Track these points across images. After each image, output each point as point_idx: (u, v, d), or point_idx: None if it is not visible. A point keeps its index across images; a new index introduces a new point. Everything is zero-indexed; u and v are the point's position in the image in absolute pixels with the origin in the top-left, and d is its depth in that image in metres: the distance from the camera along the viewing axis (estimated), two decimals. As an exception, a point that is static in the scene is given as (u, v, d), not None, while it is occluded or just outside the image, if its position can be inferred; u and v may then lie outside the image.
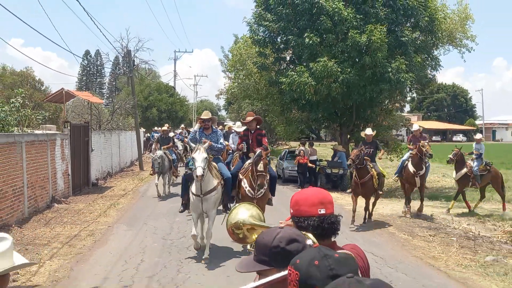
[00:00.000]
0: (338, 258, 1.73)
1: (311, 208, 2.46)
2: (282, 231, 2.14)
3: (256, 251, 2.18)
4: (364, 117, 22.07)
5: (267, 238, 2.14)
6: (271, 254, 2.08)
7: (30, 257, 9.81)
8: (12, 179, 13.13)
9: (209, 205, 9.58)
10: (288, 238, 2.09)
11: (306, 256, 1.75)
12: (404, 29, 20.53)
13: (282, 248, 2.07)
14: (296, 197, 2.56)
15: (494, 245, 11.21)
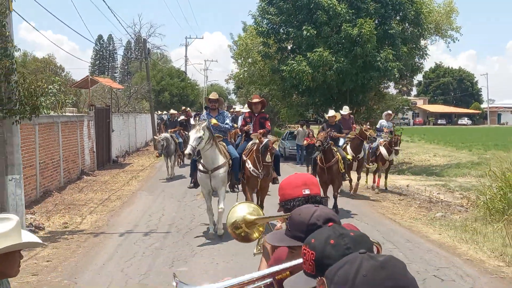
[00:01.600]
0: (354, 236, 1.72)
1: (295, 189, 2.54)
2: (319, 209, 2.14)
3: (291, 227, 2.16)
4: (357, 102, 24.41)
5: (304, 215, 2.13)
6: (308, 231, 2.04)
7: (73, 213, 12.40)
8: (52, 153, 15.71)
9: (217, 182, 9.75)
10: (325, 217, 2.09)
11: (321, 235, 1.75)
12: (392, 22, 22.79)
13: (319, 226, 2.05)
14: (281, 183, 2.67)
15: (449, 206, 13.66)
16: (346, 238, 1.71)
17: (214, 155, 9.63)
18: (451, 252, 8.85)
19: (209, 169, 9.64)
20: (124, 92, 33.96)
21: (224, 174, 9.87)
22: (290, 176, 2.69)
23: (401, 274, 1.40)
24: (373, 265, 1.39)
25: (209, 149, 9.47)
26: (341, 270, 1.43)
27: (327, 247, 1.69)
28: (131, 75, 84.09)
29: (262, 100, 11.24)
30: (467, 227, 10.67)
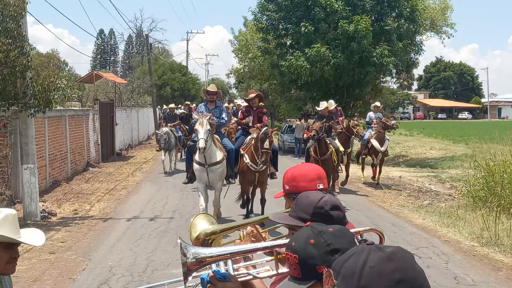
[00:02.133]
0: (333, 232, 1.74)
1: (310, 183, 2.48)
2: (327, 196, 2.16)
3: (296, 209, 2.17)
4: (354, 96, 25.15)
5: (312, 198, 2.14)
6: (314, 213, 2.08)
7: (82, 201, 13.19)
8: (60, 145, 16.48)
9: (215, 176, 9.77)
10: (332, 203, 2.11)
11: (301, 237, 1.76)
12: (388, 18, 23.50)
13: (326, 210, 2.08)
14: (293, 173, 2.57)
15: (438, 196, 14.43)
16: (325, 235, 1.73)
17: (212, 150, 9.57)
18: (432, 234, 9.63)
19: (207, 163, 9.59)
20: (127, 86, 34.70)
21: (221, 169, 9.84)
22: (301, 166, 2.69)
23: (409, 266, 1.38)
24: (380, 256, 1.38)
25: (209, 145, 9.43)
26: (348, 262, 1.41)
27: (308, 247, 1.71)
28: (133, 69, 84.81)
29: (258, 94, 11.41)
30: (451, 213, 11.44)
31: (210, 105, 10.58)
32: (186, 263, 2.01)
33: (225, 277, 2.02)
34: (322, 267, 1.66)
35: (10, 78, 10.05)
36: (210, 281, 2.02)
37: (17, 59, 9.73)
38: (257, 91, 12.18)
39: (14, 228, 2.69)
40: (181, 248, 2.02)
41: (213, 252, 2.08)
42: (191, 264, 2.02)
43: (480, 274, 7.29)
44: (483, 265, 7.74)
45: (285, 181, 2.56)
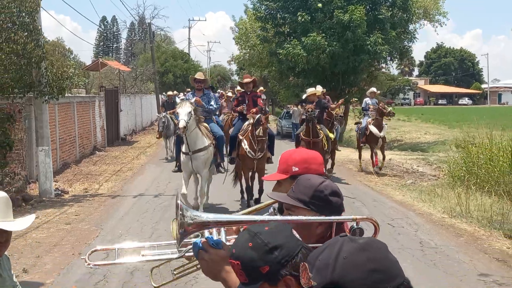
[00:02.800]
0: (269, 230, 1.78)
1: (320, 166, 2.53)
2: (328, 181, 2.20)
3: (295, 190, 2.19)
4: (349, 82, 26.10)
5: (313, 181, 2.17)
6: (313, 196, 2.12)
7: (91, 181, 14.25)
8: (69, 130, 17.52)
9: (198, 164, 9.58)
10: (332, 189, 2.16)
11: (239, 243, 1.80)
12: (382, 8, 24.36)
13: (325, 195, 2.12)
14: (303, 155, 2.57)
15: (423, 176, 15.45)
16: (262, 235, 1.75)
17: (196, 136, 9.45)
18: (408, 208, 10.68)
19: (190, 151, 9.47)
20: (130, 74, 35.67)
21: (205, 156, 9.66)
22: (303, 150, 2.79)
23: (382, 256, 1.41)
24: (353, 247, 1.41)
25: (193, 131, 9.32)
26: (322, 254, 1.44)
27: (247, 252, 1.73)
28: (136, 56, 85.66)
29: (253, 79, 11.52)
30: (430, 191, 12.47)
31: (198, 93, 10.51)
32: (184, 223, 2.06)
33: (218, 244, 2.08)
34: (265, 267, 1.72)
35: (26, 68, 11.06)
36: (203, 247, 2.08)
37: (33, 51, 10.75)
38: (253, 77, 12.19)
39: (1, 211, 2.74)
40: (181, 209, 2.07)
41: (211, 217, 2.13)
42: (188, 226, 2.07)
43: (443, 240, 8.35)
44: (448, 233, 8.80)
45: (293, 163, 2.50)
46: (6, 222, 2.72)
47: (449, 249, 7.86)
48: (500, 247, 7.96)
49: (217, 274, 2.07)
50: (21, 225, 2.85)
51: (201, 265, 2.12)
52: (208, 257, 2.07)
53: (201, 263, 2.12)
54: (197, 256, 2.11)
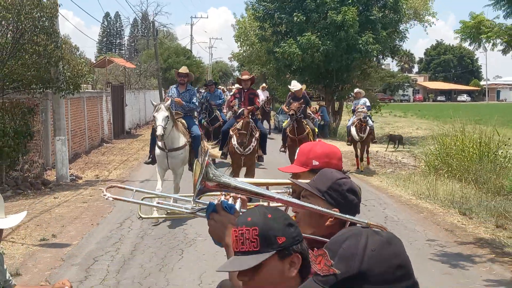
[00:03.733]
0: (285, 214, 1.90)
1: (340, 161, 2.63)
2: (350, 179, 2.29)
3: (316, 179, 2.27)
4: (342, 80, 27.55)
5: (335, 174, 2.26)
6: (330, 188, 2.18)
7: (101, 169, 15.70)
8: (79, 123, 18.98)
9: (175, 162, 9.58)
10: (351, 187, 2.24)
11: (257, 212, 1.83)
12: (373, 9, 25.78)
13: (342, 189, 2.19)
14: (324, 150, 2.62)
15: (404, 166, 16.87)
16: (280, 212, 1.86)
17: (173, 135, 9.32)
18: (382, 191, 12.14)
19: (166, 148, 9.38)
20: (134, 70, 37.12)
21: (183, 155, 9.63)
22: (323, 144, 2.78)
23: (402, 251, 1.46)
24: (380, 240, 1.44)
25: (170, 130, 9.16)
26: (347, 243, 1.44)
27: (267, 221, 1.78)
28: (139, 52, 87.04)
29: (252, 77, 11.55)
30: (406, 178, 13.91)
31: (181, 88, 10.43)
32: (206, 180, 2.10)
33: (231, 209, 2.16)
34: (283, 238, 1.76)
35: (46, 66, 12.50)
36: (216, 209, 2.16)
37: (53, 52, 12.19)
38: (252, 75, 12.24)
39: None
40: (207, 165, 2.10)
41: (232, 181, 2.18)
42: (209, 183, 2.11)
43: (406, 216, 9.80)
44: (411, 210, 10.26)
45: (313, 156, 2.56)
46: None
47: (408, 222, 9.31)
48: (452, 221, 9.42)
49: (222, 237, 2.14)
50: (12, 222, 2.85)
51: (209, 225, 2.19)
52: (218, 218, 2.15)
53: (210, 223, 2.18)
54: (208, 216, 2.18)
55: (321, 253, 1.44)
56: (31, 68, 12.33)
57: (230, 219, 2.11)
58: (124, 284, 6.27)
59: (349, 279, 1.38)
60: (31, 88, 12.98)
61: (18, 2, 11.79)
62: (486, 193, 11.88)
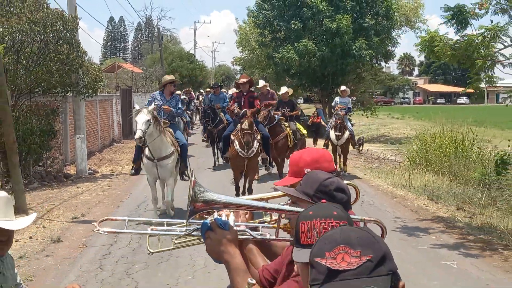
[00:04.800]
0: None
1: (330, 163, 2.67)
2: (336, 178, 2.29)
3: (303, 183, 2.28)
4: (337, 83, 29.10)
5: (321, 175, 2.27)
6: (318, 189, 2.19)
7: (115, 165, 17.35)
8: (93, 123, 20.65)
9: (165, 172, 9.27)
10: (338, 185, 2.24)
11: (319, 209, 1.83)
12: (366, 17, 27.42)
13: (330, 190, 2.19)
14: (312, 156, 2.66)
15: (390, 162, 18.49)
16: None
17: (161, 144, 9.01)
18: (364, 182, 13.74)
19: (155, 158, 9.07)
20: (141, 74, 38.84)
21: (172, 164, 9.35)
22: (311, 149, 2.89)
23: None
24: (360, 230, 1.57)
25: (157, 138, 8.82)
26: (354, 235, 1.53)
27: (339, 213, 1.81)
28: (143, 56, 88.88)
29: (250, 79, 11.39)
30: (388, 172, 15.52)
31: (167, 95, 10.02)
32: (195, 201, 2.16)
33: (225, 225, 2.20)
34: None
35: (68, 73, 14.15)
36: (210, 227, 2.20)
37: (75, 60, 13.86)
38: (249, 77, 12.10)
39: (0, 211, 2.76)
40: (194, 186, 2.16)
41: (222, 198, 2.21)
42: (199, 203, 2.16)
43: (380, 201, 11.44)
44: (386, 197, 11.90)
45: (304, 164, 2.58)
46: (7, 221, 2.78)
47: (381, 205, 10.95)
48: (419, 204, 11.06)
49: (220, 254, 2.18)
50: (22, 223, 2.89)
51: (206, 244, 2.22)
52: (214, 237, 2.18)
53: (206, 242, 2.22)
54: (204, 236, 2.22)
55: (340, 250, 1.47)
56: (55, 74, 13.95)
57: (226, 236, 2.18)
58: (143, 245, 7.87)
59: (380, 260, 1.47)
60: (54, 92, 14.63)
61: (44, 16, 13.42)
62: (457, 183, 13.51)
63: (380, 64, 32.10)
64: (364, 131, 37.99)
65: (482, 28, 8.16)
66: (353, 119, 37.96)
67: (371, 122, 40.24)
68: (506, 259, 7.35)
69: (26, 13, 13.11)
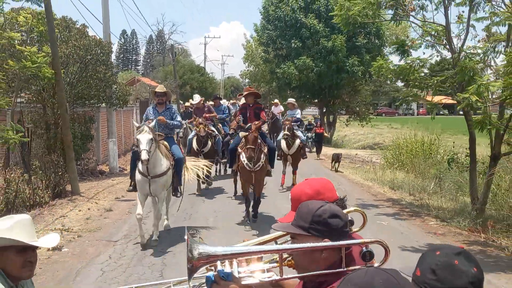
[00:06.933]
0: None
1: (332, 191, 2.62)
2: (327, 205, 2.22)
3: (297, 217, 2.24)
4: (333, 96, 32.50)
5: (311, 206, 2.21)
6: (312, 221, 2.15)
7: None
8: (118, 130, 23.91)
9: (157, 187, 8.77)
10: (331, 212, 2.17)
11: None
12: (359, 36, 30.72)
13: (324, 218, 2.15)
14: (313, 188, 2.59)
15: (371, 163, 21.66)
16: (471, 256, 1.94)
17: (156, 159, 8.58)
18: (343, 176, 16.96)
19: (149, 175, 8.57)
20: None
21: (165, 179, 8.90)
22: (314, 180, 2.71)
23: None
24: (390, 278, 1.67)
25: (152, 155, 8.31)
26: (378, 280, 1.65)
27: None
28: (154, 68, 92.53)
29: (254, 92, 11.23)
30: (367, 170, 18.72)
31: (160, 108, 9.81)
32: (192, 259, 2.12)
33: (228, 276, 2.20)
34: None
35: (103, 88, 17.48)
36: (215, 280, 2.20)
37: (109, 77, 17.19)
38: (254, 89, 11.99)
39: (27, 232, 2.82)
40: (188, 245, 2.12)
41: (219, 250, 2.18)
42: (196, 261, 2.12)
43: (350, 189, 14.60)
44: (356, 186, 15.09)
45: (307, 198, 2.47)
46: (43, 241, 2.96)
47: (350, 191, 14.11)
48: (380, 191, 14.28)
49: None
50: (53, 241, 3.03)
51: None
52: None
53: None
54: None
55: None
56: (93, 89, 17.27)
57: (230, 286, 2.19)
58: (174, 215, 11.07)
59: None
60: (91, 103, 17.97)
61: (86, 43, 16.76)
62: (419, 178, 16.71)
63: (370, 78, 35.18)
64: (361, 139, 41.29)
65: (408, 59, 11.44)
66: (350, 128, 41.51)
67: (369, 132, 43.51)
68: (424, 221, 10.59)
69: (72, 40, 16.45)
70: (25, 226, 2.83)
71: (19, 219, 2.85)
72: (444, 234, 9.65)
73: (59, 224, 10.22)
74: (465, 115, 11.38)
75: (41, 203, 12.02)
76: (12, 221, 2.80)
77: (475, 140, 11.56)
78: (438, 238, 9.35)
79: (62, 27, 16.45)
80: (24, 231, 2.80)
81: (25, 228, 2.82)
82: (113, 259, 7.99)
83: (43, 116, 15.38)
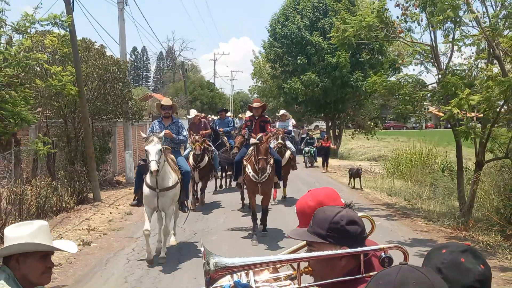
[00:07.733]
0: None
1: (337, 200, 2.59)
2: (344, 210, 2.20)
3: (313, 224, 2.22)
4: (338, 109, 33.69)
5: (328, 213, 2.18)
6: (329, 228, 2.13)
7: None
8: (132, 143, 25.29)
9: (165, 201, 8.53)
10: (349, 218, 2.15)
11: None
12: (362, 53, 31.96)
13: (341, 225, 2.13)
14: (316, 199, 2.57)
15: (374, 173, 22.78)
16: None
17: (165, 172, 8.40)
18: (343, 184, 18.07)
19: (158, 188, 8.36)
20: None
21: (174, 192, 8.69)
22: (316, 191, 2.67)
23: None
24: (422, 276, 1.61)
25: (162, 165, 8.19)
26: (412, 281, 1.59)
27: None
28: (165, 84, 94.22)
29: (263, 104, 11.23)
30: (368, 179, 19.85)
31: (166, 121, 9.68)
32: (209, 271, 2.11)
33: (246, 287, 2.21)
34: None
35: (120, 104, 18.79)
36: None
37: (126, 94, 18.51)
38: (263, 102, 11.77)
39: (48, 238, 2.83)
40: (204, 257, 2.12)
41: (236, 262, 2.15)
42: (213, 273, 2.11)
43: (349, 196, 15.70)
44: (355, 193, 16.24)
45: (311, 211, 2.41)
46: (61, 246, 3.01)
47: (349, 197, 15.17)
48: (377, 197, 15.44)
49: None
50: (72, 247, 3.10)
51: None
52: None
53: None
54: None
55: None
56: (111, 105, 18.60)
57: None
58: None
59: None
60: (109, 118, 19.28)
61: (104, 62, 18.11)
62: (416, 185, 17.84)
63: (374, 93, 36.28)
64: (367, 152, 42.35)
65: (398, 76, 12.66)
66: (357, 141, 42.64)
67: (375, 145, 44.63)
68: (413, 221, 11.75)
69: (91, 60, 17.80)
70: (46, 232, 2.84)
71: (40, 225, 2.86)
72: (429, 231, 10.80)
73: (85, 225, 11.47)
74: (451, 126, 12.47)
75: (67, 208, 13.31)
76: (34, 227, 2.81)
77: (461, 149, 12.69)
78: (422, 234, 10.49)
79: (82, 48, 17.78)
80: (46, 236, 2.82)
81: (46, 234, 2.84)
82: (136, 251, 9.24)
83: (64, 130, 16.73)
